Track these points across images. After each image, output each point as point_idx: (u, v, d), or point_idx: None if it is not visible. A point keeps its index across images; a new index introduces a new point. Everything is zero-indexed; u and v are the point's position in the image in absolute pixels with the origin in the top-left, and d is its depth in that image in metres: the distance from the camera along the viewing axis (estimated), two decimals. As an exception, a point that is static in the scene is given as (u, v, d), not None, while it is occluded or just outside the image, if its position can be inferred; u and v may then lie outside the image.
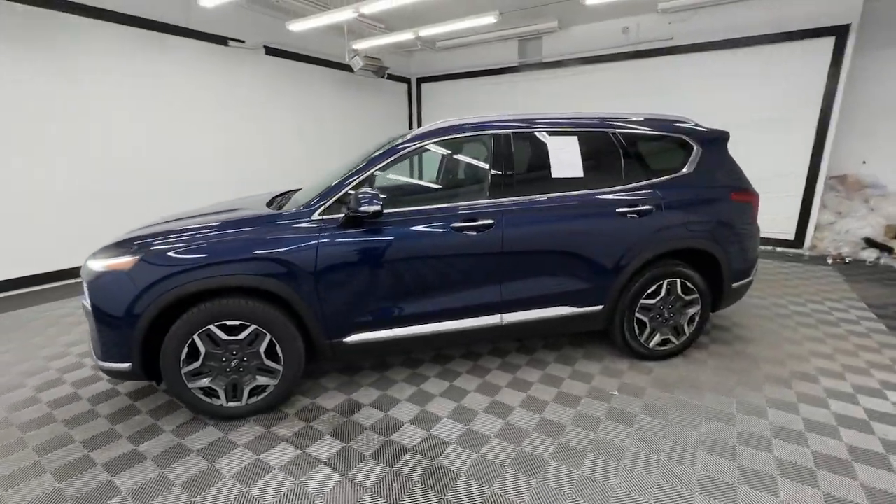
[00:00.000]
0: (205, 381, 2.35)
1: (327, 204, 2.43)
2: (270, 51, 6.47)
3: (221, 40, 5.87)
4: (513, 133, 2.71)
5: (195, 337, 2.27)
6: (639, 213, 2.76)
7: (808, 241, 6.07)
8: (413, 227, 2.48)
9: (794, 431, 2.29)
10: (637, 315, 2.89)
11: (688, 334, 3.02)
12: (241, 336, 2.33)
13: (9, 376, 2.91)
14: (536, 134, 2.75)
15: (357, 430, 2.36)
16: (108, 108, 4.93)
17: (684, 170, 2.94)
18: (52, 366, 3.05)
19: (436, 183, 3.07)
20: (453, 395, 2.67)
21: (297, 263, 2.33)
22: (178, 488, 1.96)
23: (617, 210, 2.73)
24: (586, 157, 2.80)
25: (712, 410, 2.48)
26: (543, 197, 2.68)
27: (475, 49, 8.35)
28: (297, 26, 5.44)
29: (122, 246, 2.31)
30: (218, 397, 2.38)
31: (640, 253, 2.77)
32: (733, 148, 3.15)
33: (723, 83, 6.28)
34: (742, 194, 3.00)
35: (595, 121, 2.87)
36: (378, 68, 7.18)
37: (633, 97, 7.00)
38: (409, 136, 2.63)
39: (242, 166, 6.37)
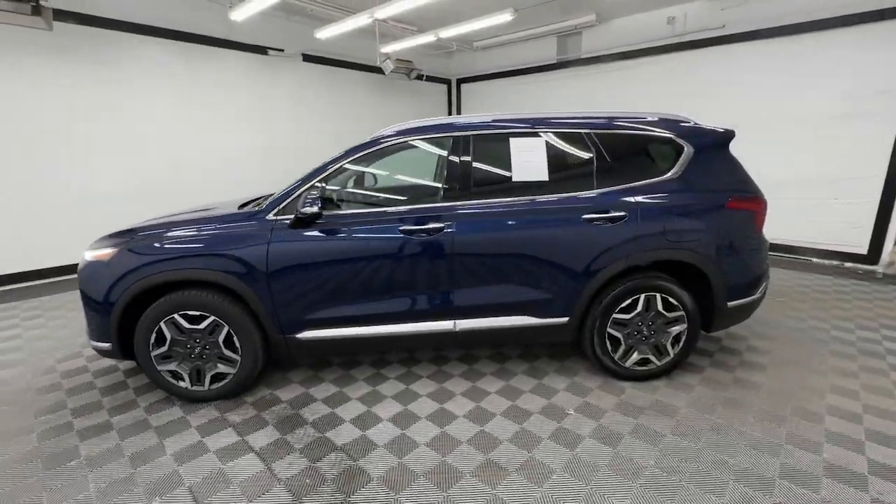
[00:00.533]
0: (172, 365, 2.57)
1: (283, 205, 2.54)
2: (308, 57, 6.86)
3: (261, 50, 6.33)
4: (473, 135, 2.64)
5: (161, 324, 2.49)
6: (610, 219, 2.55)
7: (884, 257, 5.17)
8: (361, 229, 2.52)
9: (760, 477, 1.99)
10: (609, 330, 2.67)
11: (672, 355, 2.73)
12: (202, 326, 2.52)
13: (45, 347, 3.40)
14: (499, 136, 2.65)
15: (299, 423, 2.45)
16: (159, 115, 5.53)
17: (670, 173, 2.65)
18: (78, 341, 3.51)
19: (394, 185, 3.07)
20: (404, 399, 2.66)
21: (249, 261, 2.47)
22: (126, 459, 2.17)
23: (583, 216, 2.55)
24: (554, 159, 2.64)
25: (672, 443, 2.22)
26: (500, 201, 2.57)
27: (513, 48, 8.17)
28: (324, 33, 5.71)
29: (106, 239, 2.60)
30: (183, 380, 2.60)
31: (610, 263, 2.56)
32: (792, 147, 2.79)
33: (782, 75, 5.55)
34: (741, 201, 2.65)
35: (567, 121, 2.69)
36: (410, 70, 7.31)
37: (679, 92, 6.44)
38: (367, 140, 2.66)
39: (279, 167, 6.81)
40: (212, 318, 2.51)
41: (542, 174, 2.61)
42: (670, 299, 2.63)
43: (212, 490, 1.96)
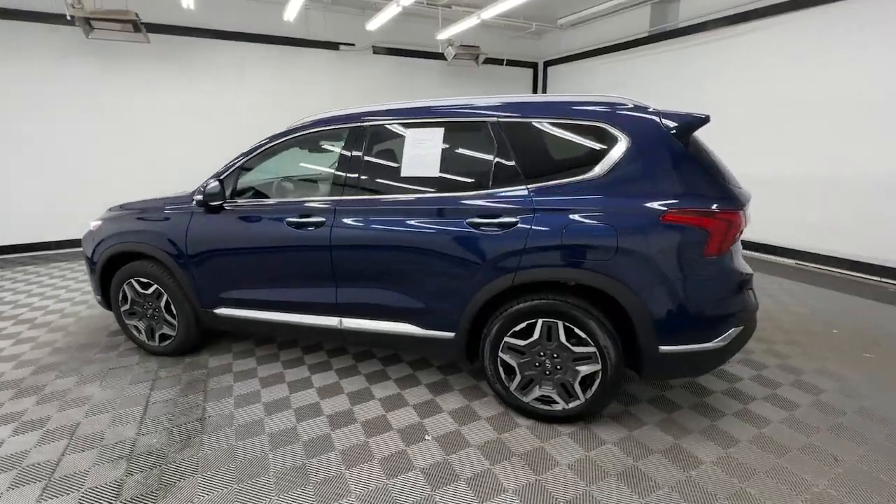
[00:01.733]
0: (134, 321, 3.09)
1: (204, 191, 2.79)
2: (378, 50, 7.17)
3: (334, 46, 6.84)
4: (369, 126, 2.47)
5: (124, 285, 3.01)
6: (499, 225, 2.14)
7: None
8: (256, 219, 2.61)
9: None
10: (501, 355, 2.28)
11: (583, 399, 2.20)
12: (149, 291, 2.96)
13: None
14: (395, 127, 2.43)
15: (197, 389, 2.70)
16: (243, 111, 6.46)
17: (592, 172, 2.08)
18: (131, 291, 4.43)
19: (297, 177, 3.03)
20: (297, 387, 2.71)
21: (174, 240, 2.79)
22: (72, 391, 2.69)
23: (468, 220, 2.19)
24: (449, 153, 2.32)
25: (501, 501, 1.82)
26: (382, 198, 2.38)
27: (601, 23, 7.23)
28: (372, 24, 5.88)
29: (105, 212, 3.21)
30: (142, 335, 3.10)
31: (495, 278, 2.16)
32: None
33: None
34: (685, 214, 1.93)
35: (471, 109, 2.32)
36: (476, 56, 7.05)
37: (813, 61, 4.88)
38: (274, 133, 2.72)
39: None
40: (155, 286, 2.93)
41: (432, 169, 2.32)
42: (576, 330, 2.11)
43: (83, 431, 2.30)
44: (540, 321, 2.16)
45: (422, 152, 2.34)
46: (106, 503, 1.85)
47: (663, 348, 2.03)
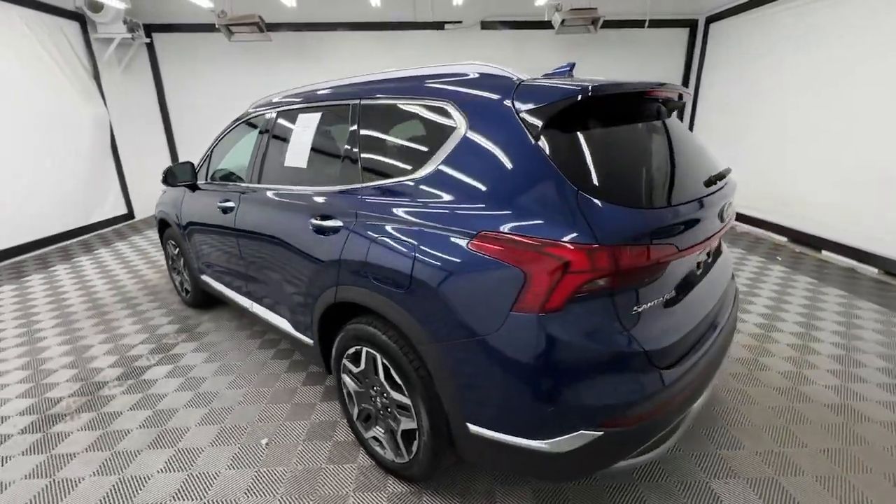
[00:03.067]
0: (174, 275, 3.81)
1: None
2: (486, 25, 6.75)
3: (439, 25, 6.75)
4: (279, 112, 2.37)
5: (166, 245, 3.73)
6: (332, 229, 1.81)
7: None
8: (208, 198, 2.84)
9: None
10: (343, 377, 1.97)
11: (406, 457, 1.74)
12: (176, 252, 3.59)
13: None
14: (295, 112, 2.25)
15: (178, 339, 3.17)
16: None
17: (423, 170, 1.54)
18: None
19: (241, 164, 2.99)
20: (234, 356, 2.91)
21: (177, 211, 3.28)
22: (111, 325, 3.50)
23: (311, 220, 1.91)
24: (318, 141, 2.05)
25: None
26: (264, 187, 2.30)
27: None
28: (458, -1, 5.52)
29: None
30: (177, 286, 3.81)
31: (323, 290, 1.86)
32: None
33: None
34: (493, 241, 1.24)
35: (341, 90, 1.97)
36: (593, 20, 5.95)
37: None
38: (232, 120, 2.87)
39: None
40: (178, 248, 3.54)
41: (302, 159, 2.09)
42: (392, 371, 1.66)
43: (88, 353, 2.99)
44: (365, 349, 1.77)
45: (302, 140, 2.14)
46: (35, 414, 2.38)
47: (472, 427, 1.42)
